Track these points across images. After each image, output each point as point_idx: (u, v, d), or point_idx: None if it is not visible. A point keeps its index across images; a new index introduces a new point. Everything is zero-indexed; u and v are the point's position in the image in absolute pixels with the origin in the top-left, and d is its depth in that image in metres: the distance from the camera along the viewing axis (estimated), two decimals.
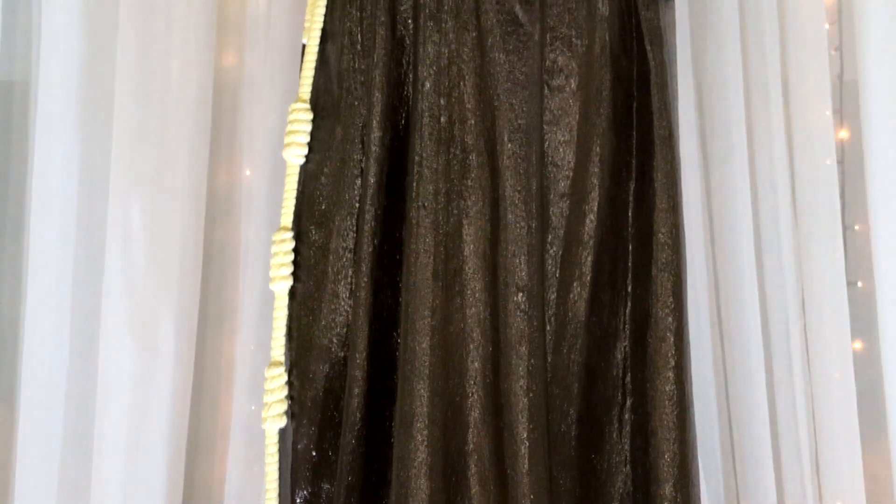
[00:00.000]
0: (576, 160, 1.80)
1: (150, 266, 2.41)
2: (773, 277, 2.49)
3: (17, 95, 2.65)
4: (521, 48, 1.77)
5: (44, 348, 2.41)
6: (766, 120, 2.49)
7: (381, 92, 1.79)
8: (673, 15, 1.97)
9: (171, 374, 2.35)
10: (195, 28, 2.47)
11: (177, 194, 2.44)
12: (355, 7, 1.85)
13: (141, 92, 2.45)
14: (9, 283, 2.58)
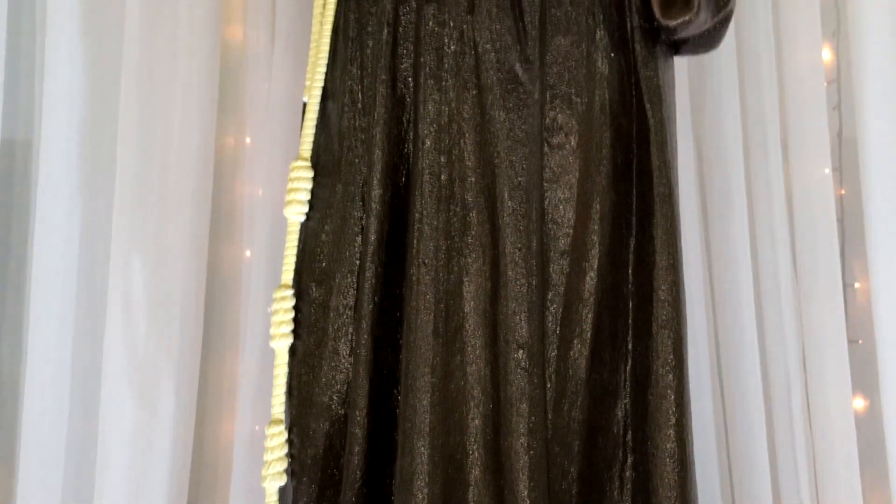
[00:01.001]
0: (576, 218, 1.80)
1: (151, 325, 2.41)
2: (774, 334, 2.49)
3: (18, 154, 2.66)
4: (522, 106, 1.77)
5: (44, 406, 2.40)
6: (765, 177, 2.50)
7: (382, 150, 1.79)
8: (672, 74, 1.98)
9: (171, 433, 2.34)
10: (197, 89, 2.49)
11: (178, 254, 2.44)
12: (356, 66, 1.86)
13: (143, 153, 2.46)
14: (9, 341, 2.58)
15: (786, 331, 2.48)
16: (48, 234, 2.47)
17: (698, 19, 1.82)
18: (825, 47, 2.62)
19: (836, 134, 2.66)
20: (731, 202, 2.52)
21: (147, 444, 2.34)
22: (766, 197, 2.53)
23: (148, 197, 2.46)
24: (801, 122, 2.53)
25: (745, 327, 2.48)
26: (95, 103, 2.55)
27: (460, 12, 1.78)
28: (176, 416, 2.36)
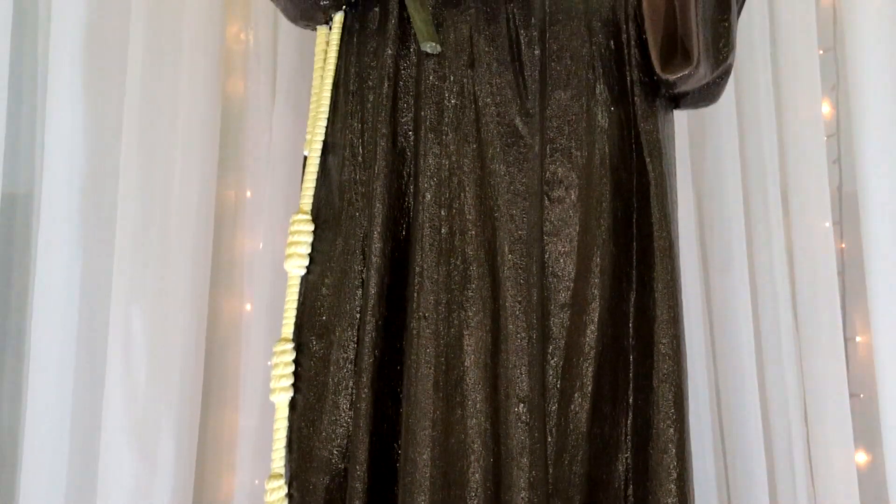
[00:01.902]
0: (576, 271, 1.80)
1: (151, 377, 2.41)
2: (775, 388, 2.49)
3: (20, 207, 2.66)
4: (522, 160, 1.78)
5: (43, 459, 2.40)
6: (765, 231, 2.51)
7: (383, 203, 1.79)
8: (672, 127, 1.98)
9: (171, 487, 2.34)
10: (198, 142, 2.50)
11: (178, 307, 2.44)
12: (356, 119, 1.87)
13: (143, 206, 2.46)
14: (9, 394, 2.58)
15: (787, 384, 2.48)
16: (48, 286, 2.48)
17: (698, 73, 1.83)
18: (825, 102, 2.63)
19: (836, 188, 2.66)
20: (732, 255, 2.52)
21: (146, 498, 2.33)
22: (766, 250, 2.53)
23: (148, 250, 2.47)
24: (801, 176, 2.54)
25: (746, 381, 2.47)
26: (96, 157, 2.56)
27: (461, 66, 1.79)
28: (175, 470, 2.35)
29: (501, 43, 1.79)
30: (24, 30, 2.65)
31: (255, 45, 2.67)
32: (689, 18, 1.81)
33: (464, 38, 1.79)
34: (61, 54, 2.55)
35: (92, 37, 2.59)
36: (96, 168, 2.57)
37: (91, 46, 2.58)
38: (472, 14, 1.80)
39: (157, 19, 2.56)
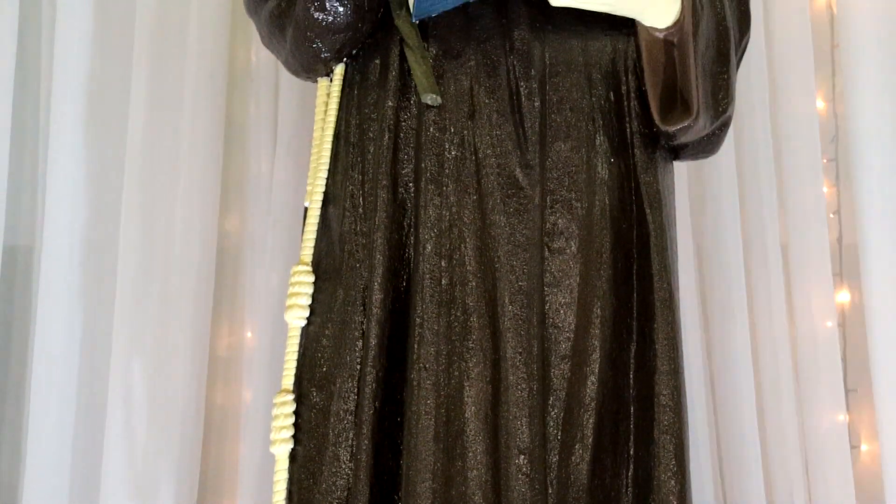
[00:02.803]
0: (577, 322, 1.80)
1: (151, 428, 2.41)
2: (776, 440, 2.48)
3: (20, 259, 2.67)
4: (522, 211, 1.78)
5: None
6: (765, 282, 2.51)
7: (383, 254, 1.80)
8: (672, 178, 1.99)
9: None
10: (199, 191, 2.51)
11: (179, 356, 2.44)
12: (357, 171, 1.87)
13: (144, 259, 2.47)
14: (9, 445, 2.57)
15: (788, 436, 2.47)
16: (49, 339, 2.48)
17: (697, 125, 1.84)
18: (824, 154, 2.64)
19: (836, 239, 2.67)
20: (732, 307, 2.52)
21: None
22: (766, 301, 2.53)
23: (149, 304, 2.47)
24: (800, 227, 2.54)
25: (747, 432, 2.47)
26: (97, 210, 2.57)
27: (461, 118, 1.79)
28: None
29: (502, 94, 1.80)
30: (26, 82, 2.67)
31: (256, 97, 2.69)
32: (688, 71, 1.82)
33: (464, 89, 1.80)
34: (63, 107, 2.57)
35: (93, 90, 2.60)
36: (97, 221, 2.58)
37: (92, 100, 2.60)
38: (472, 66, 1.81)
39: (159, 73, 2.58)
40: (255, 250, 2.63)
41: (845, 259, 2.66)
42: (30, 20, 2.70)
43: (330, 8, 1.81)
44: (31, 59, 2.71)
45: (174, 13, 2.64)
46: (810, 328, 2.53)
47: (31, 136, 2.71)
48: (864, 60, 2.54)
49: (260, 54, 2.68)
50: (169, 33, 2.64)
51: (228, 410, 2.59)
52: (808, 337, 2.53)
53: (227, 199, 2.67)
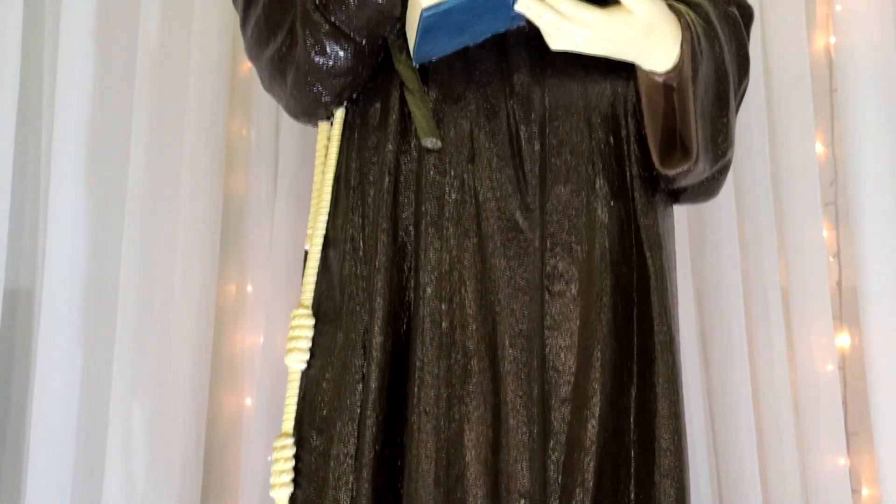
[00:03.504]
0: (577, 365, 1.80)
1: (150, 472, 2.40)
2: (777, 483, 2.47)
3: (21, 302, 2.67)
4: (522, 254, 1.78)
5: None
6: (765, 325, 2.51)
7: (383, 297, 1.79)
8: (672, 222, 1.99)
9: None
10: (199, 238, 2.51)
11: (178, 403, 2.44)
12: (358, 214, 1.88)
13: (144, 302, 2.47)
14: (10, 485, 2.57)
15: (789, 481, 2.46)
16: (49, 381, 2.48)
17: (697, 168, 1.84)
18: (824, 197, 2.64)
19: (836, 282, 2.67)
20: (733, 350, 2.52)
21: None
22: (766, 345, 2.53)
23: (148, 346, 2.47)
24: (800, 271, 2.55)
25: (748, 476, 2.46)
26: (98, 253, 2.57)
27: (461, 161, 1.80)
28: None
29: (502, 138, 1.80)
30: (27, 126, 2.68)
31: (257, 141, 2.70)
32: (688, 115, 1.82)
33: (464, 133, 1.81)
34: (64, 151, 2.58)
35: (94, 134, 2.61)
36: (97, 264, 2.58)
37: (93, 144, 2.61)
38: (472, 110, 1.81)
39: (159, 115, 2.59)
40: (255, 293, 2.63)
41: (845, 302, 2.66)
42: (32, 65, 2.71)
43: (331, 52, 1.81)
44: (33, 103, 2.72)
45: (175, 57, 2.66)
46: (811, 371, 2.53)
47: (31, 180, 2.72)
48: (863, 104, 2.55)
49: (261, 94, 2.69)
50: (169, 76, 2.65)
51: (228, 456, 2.59)
52: (808, 380, 2.53)
53: (226, 242, 2.67)
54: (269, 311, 2.55)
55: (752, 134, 2.60)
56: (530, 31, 1.78)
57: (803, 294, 2.57)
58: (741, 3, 2.03)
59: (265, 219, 2.63)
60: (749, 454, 2.48)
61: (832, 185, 2.70)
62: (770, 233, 2.58)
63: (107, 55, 2.68)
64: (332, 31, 1.80)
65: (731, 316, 2.55)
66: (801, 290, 2.57)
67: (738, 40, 1.97)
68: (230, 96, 2.73)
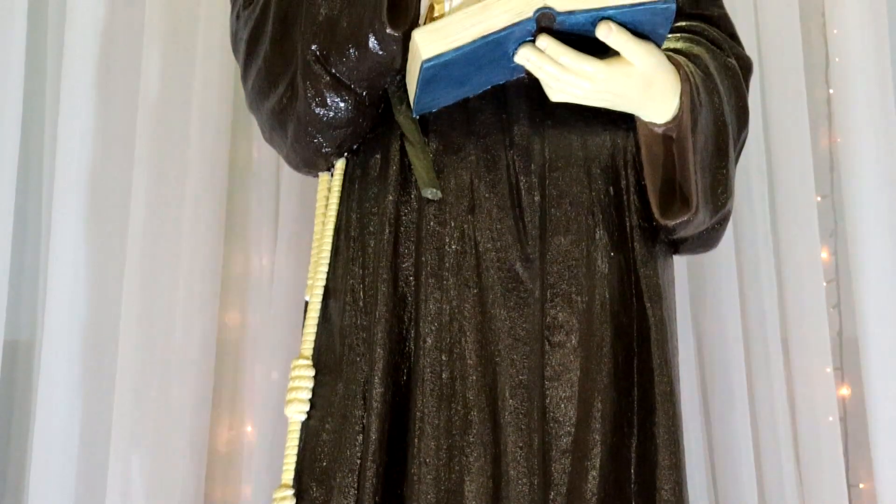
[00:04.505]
0: (577, 416, 1.79)
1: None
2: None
3: (21, 354, 2.67)
4: (522, 305, 1.78)
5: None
6: (766, 376, 2.51)
7: (383, 348, 1.79)
8: (672, 272, 1.99)
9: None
10: (200, 286, 2.51)
11: (177, 453, 2.43)
12: (358, 265, 1.88)
13: (144, 349, 2.47)
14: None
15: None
16: (48, 433, 2.48)
17: (697, 219, 1.85)
18: (823, 247, 2.65)
19: (836, 333, 2.67)
20: (733, 400, 2.52)
21: None
22: (767, 396, 2.53)
23: (148, 399, 2.47)
24: (801, 321, 2.54)
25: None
26: (98, 305, 2.57)
27: (461, 212, 1.80)
28: None
29: (502, 189, 1.81)
30: (28, 177, 2.69)
31: (258, 192, 2.70)
32: (687, 166, 1.83)
33: (464, 184, 1.81)
34: (65, 202, 2.58)
35: (95, 185, 2.62)
36: (97, 316, 2.58)
37: (94, 195, 2.62)
38: (472, 161, 1.82)
39: (161, 168, 2.60)
40: (256, 345, 2.63)
41: (846, 353, 2.66)
42: (33, 115, 2.72)
43: (331, 104, 1.82)
44: (34, 154, 2.73)
45: (176, 108, 2.67)
46: (812, 422, 2.52)
47: (32, 230, 2.72)
48: (863, 155, 2.57)
49: (262, 149, 2.70)
50: (170, 128, 2.66)
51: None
52: (809, 431, 2.52)
53: (227, 293, 2.67)
54: (269, 361, 2.55)
55: (751, 184, 2.60)
56: (530, 83, 1.79)
57: (804, 344, 2.57)
58: (740, 54, 2.05)
59: (266, 270, 2.64)
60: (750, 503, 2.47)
61: (832, 235, 2.71)
62: (770, 283, 2.59)
63: (108, 106, 2.69)
64: (332, 82, 1.80)
65: (731, 366, 2.54)
66: (802, 340, 2.57)
67: (738, 91, 1.98)
68: (232, 149, 2.73)
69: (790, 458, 2.50)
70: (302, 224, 2.59)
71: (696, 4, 2.05)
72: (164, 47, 2.69)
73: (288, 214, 2.64)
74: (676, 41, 1.94)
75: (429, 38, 1.68)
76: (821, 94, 2.81)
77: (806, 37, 2.76)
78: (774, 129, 2.69)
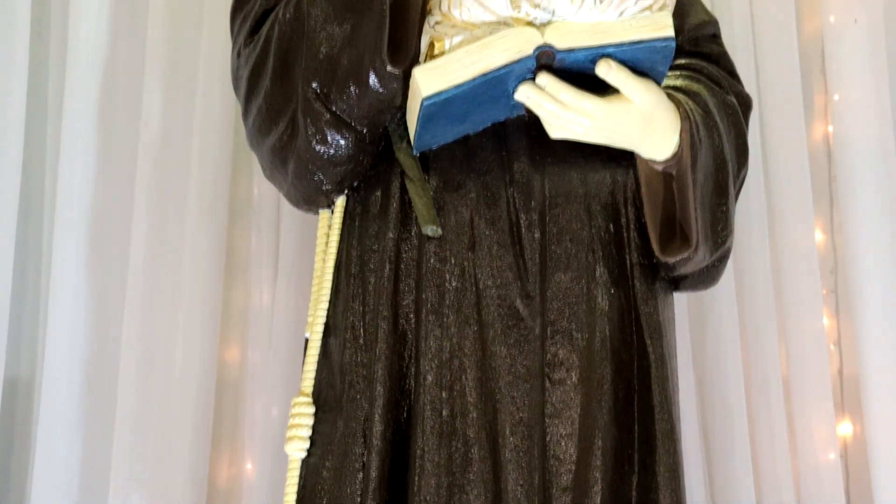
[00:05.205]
0: (578, 453, 1.79)
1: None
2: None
3: (21, 391, 2.66)
4: (523, 342, 1.78)
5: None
6: (767, 414, 2.50)
7: (384, 385, 1.79)
8: (672, 309, 1.99)
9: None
10: (200, 323, 2.51)
11: (177, 490, 2.42)
12: (358, 302, 1.88)
13: (143, 386, 2.47)
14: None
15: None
16: (48, 472, 2.47)
17: (697, 256, 1.85)
18: (823, 285, 2.65)
19: (836, 371, 2.67)
20: (734, 438, 2.51)
21: None
22: (768, 433, 2.52)
23: (148, 437, 2.46)
24: (801, 359, 2.54)
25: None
26: (98, 343, 2.57)
27: (461, 249, 1.80)
28: None
29: (502, 226, 1.81)
30: (29, 215, 2.69)
31: (258, 230, 2.70)
32: (687, 203, 1.83)
33: (465, 221, 1.81)
34: (65, 240, 2.58)
35: (95, 222, 2.62)
36: (98, 354, 2.58)
37: (94, 231, 2.62)
38: (472, 198, 1.82)
39: (161, 204, 2.60)
40: (256, 381, 2.63)
41: (847, 390, 2.66)
42: (34, 150, 2.72)
43: (332, 141, 1.82)
44: (35, 192, 2.73)
45: (177, 145, 2.67)
46: (813, 460, 2.52)
47: (32, 268, 2.72)
48: (862, 193, 2.57)
49: (262, 186, 2.70)
50: (171, 164, 2.67)
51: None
52: (810, 469, 2.51)
53: (227, 330, 2.67)
54: (269, 398, 2.54)
55: (751, 222, 2.61)
56: (530, 120, 1.79)
57: (804, 382, 2.57)
58: (740, 92, 2.05)
59: (266, 307, 2.64)
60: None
61: (832, 273, 2.71)
62: (770, 321, 2.58)
63: (109, 142, 2.69)
64: (333, 120, 1.81)
65: (732, 404, 2.54)
66: (802, 378, 2.57)
67: (737, 129, 1.98)
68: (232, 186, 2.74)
69: (791, 496, 2.49)
70: (302, 261, 2.59)
71: (695, 42, 2.06)
72: (165, 83, 2.70)
73: (288, 251, 2.64)
74: (676, 79, 1.95)
75: (429, 75, 1.68)
76: (820, 132, 2.81)
77: (805, 74, 2.76)
78: (774, 166, 2.69)
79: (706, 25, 2.10)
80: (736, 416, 2.53)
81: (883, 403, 2.45)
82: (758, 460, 2.54)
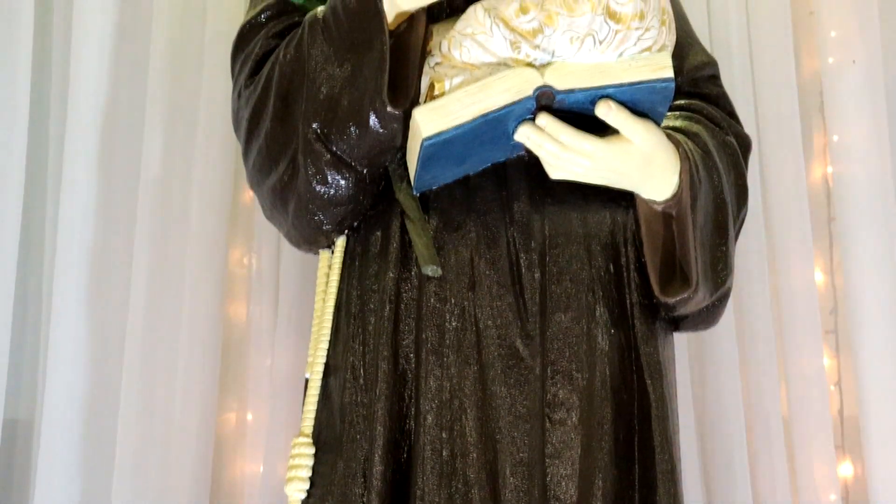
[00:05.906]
0: (578, 494, 1.78)
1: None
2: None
3: (20, 433, 2.66)
4: (523, 382, 1.78)
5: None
6: (767, 454, 2.50)
7: (384, 426, 1.79)
8: (672, 349, 1.99)
9: None
10: (200, 366, 2.51)
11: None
12: (358, 342, 1.87)
13: (143, 432, 2.47)
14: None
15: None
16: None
17: (696, 297, 1.85)
18: (824, 328, 2.65)
19: (837, 411, 2.66)
20: (735, 479, 2.51)
21: None
22: (769, 474, 2.52)
23: (148, 476, 2.46)
24: (801, 400, 2.54)
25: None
26: (98, 383, 2.57)
27: (461, 289, 1.80)
28: None
29: (502, 266, 1.81)
30: (29, 257, 2.69)
31: (258, 269, 2.71)
32: (687, 243, 1.83)
33: (465, 261, 1.81)
34: (66, 282, 2.59)
35: (95, 264, 2.63)
36: (97, 395, 2.58)
37: (94, 273, 2.62)
38: (472, 238, 1.82)
39: (161, 242, 2.60)
40: (255, 421, 2.63)
41: (847, 431, 2.66)
42: (35, 192, 2.73)
43: (332, 181, 1.83)
44: (35, 233, 2.74)
45: (177, 186, 2.68)
46: (814, 501, 2.51)
47: (32, 309, 2.72)
48: (862, 233, 2.58)
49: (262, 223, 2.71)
50: (171, 206, 2.67)
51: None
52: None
53: (227, 370, 2.67)
54: (269, 440, 2.54)
55: (751, 262, 2.61)
56: (530, 160, 1.80)
57: (805, 423, 2.56)
58: (739, 132, 2.06)
59: (266, 347, 2.64)
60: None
61: (832, 313, 2.71)
62: (770, 361, 2.58)
63: (109, 183, 2.70)
64: (333, 160, 1.81)
65: (732, 444, 2.54)
66: (803, 418, 2.57)
67: (737, 169, 1.99)
68: (231, 225, 2.74)
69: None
70: (302, 301, 2.59)
71: (694, 83, 2.06)
72: (165, 124, 2.71)
73: (288, 292, 2.64)
74: (675, 119, 1.96)
75: (429, 116, 1.69)
76: (819, 172, 2.82)
77: (804, 114, 2.77)
78: (773, 206, 2.70)
79: (706, 66, 2.10)
80: (737, 456, 2.52)
81: (884, 444, 2.44)
82: (759, 501, 2.53)
